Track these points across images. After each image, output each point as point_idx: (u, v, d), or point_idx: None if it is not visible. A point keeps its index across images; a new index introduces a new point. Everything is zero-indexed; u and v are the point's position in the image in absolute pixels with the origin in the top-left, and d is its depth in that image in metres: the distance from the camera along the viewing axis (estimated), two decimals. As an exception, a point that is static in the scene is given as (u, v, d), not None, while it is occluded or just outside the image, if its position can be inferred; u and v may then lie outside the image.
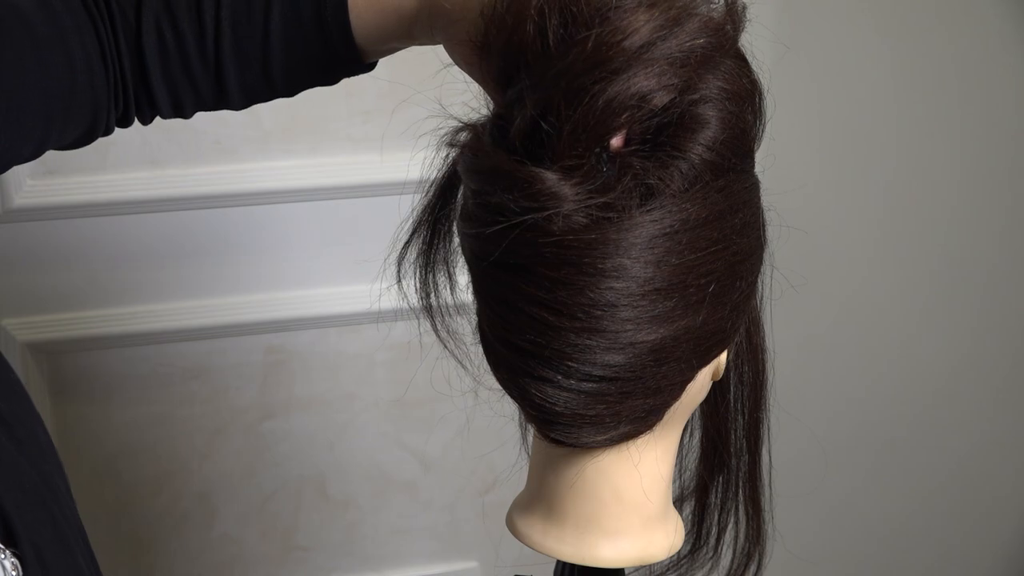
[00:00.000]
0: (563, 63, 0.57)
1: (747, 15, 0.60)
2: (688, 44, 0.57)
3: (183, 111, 0.77)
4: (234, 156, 1.37)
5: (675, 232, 0.59)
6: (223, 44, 0.72)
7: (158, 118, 0.78)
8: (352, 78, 0.77)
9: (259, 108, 1.37)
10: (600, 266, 0.58)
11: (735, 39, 0.60)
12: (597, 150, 0.58)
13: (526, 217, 0.58)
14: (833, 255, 1.46)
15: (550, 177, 0.57)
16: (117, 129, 0.77)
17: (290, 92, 0.77)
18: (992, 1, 1.16)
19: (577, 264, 0.58)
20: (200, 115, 0.95)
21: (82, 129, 0.73)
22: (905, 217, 1.36)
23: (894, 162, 1.37)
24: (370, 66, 0.76)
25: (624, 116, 0.57)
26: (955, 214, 1.28)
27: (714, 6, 0.59)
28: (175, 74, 0.73)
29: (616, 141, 0.59)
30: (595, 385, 0.61)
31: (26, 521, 0.66)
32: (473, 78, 0.67)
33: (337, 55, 0.73)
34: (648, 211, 0.58)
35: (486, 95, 0.68)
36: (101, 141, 1.32)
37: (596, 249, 0.58)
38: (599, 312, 0.59)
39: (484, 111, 0.68)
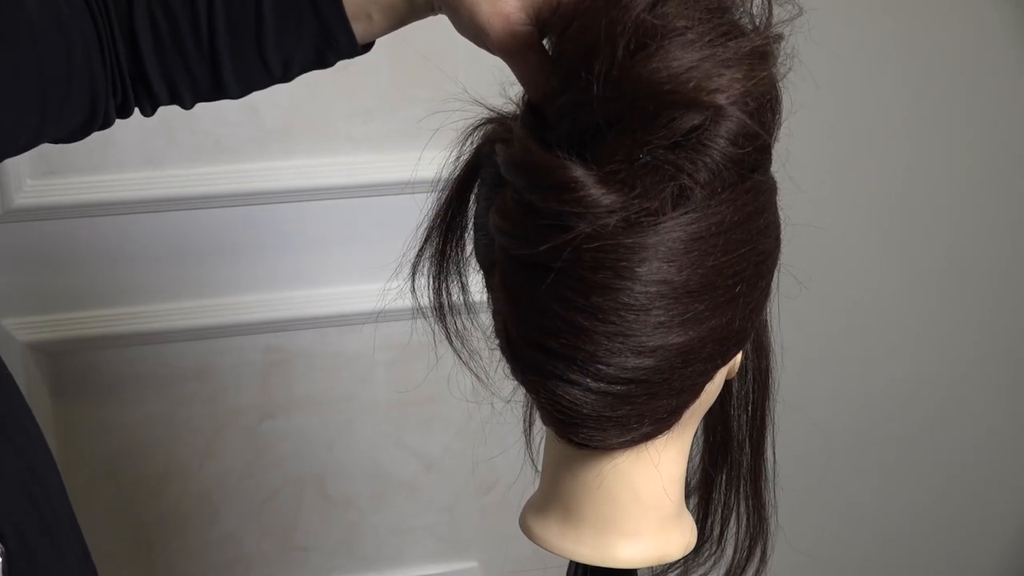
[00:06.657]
0: (655, 90, 0.56)
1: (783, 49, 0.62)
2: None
3: (181, 99, 0.74)
4: (234, 156, 1.36)
5: (710, 235, 0.59)
6: (216, 24, 0.70)
7: (160, 109, 0.76)
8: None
9: (260, 108, 1.37)
10: (637, 269, 0.58)
11: (772, 68, 0.61)
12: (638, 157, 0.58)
13: (574, 234, 0.58)
14: (839, 255, 1.46)
15: (594, 186, 0.57)
16: (117, 126, 0.75)
17: (286, 74, 0.74)
18: (1003, 3, 1.17)
19: (613, 267, 0.58)
20: (200, 115, 0.95)
21: (80, 117, 0.71)
22: (912, 217, 1.36)
23: (902, 163, 1.37)
24: (365, 48, 0.73)
25: (665, 129, 0.57)
26: (963, 215, 1.28)
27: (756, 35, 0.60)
28: (169, 57, 0.71)
29: None
30: (623, 387, 0.61)
31: (7, 510, 0.64)
32: (502, 59, 0.66)
33: (328, 25, 0.70)
34: (684, 214, 0.59)
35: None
36: (101, 141, 1.31)
37: (635, 253, 0.58)
38: (632, 316, 0.59)
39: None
